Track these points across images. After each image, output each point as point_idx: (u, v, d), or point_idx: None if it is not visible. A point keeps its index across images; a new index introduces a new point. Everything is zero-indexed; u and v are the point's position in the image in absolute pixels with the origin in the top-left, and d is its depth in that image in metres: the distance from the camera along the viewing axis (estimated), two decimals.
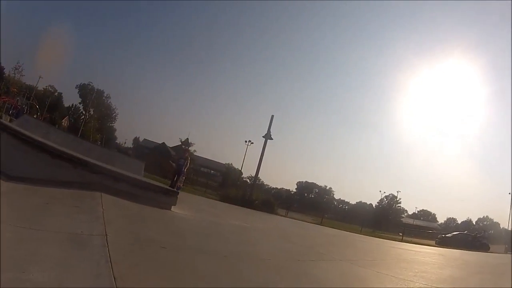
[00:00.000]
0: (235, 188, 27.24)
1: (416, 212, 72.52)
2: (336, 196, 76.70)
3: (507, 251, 16.25)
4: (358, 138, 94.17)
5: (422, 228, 50.60)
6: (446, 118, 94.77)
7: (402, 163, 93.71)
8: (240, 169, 45.65)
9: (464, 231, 33.95)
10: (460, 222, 66.50)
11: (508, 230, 42.52)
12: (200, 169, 52.39)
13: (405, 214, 69.34)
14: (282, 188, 67.96)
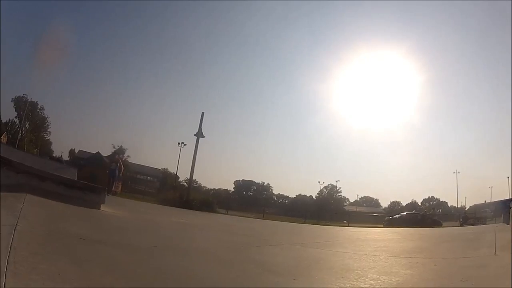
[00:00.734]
0: (172, 191, 25.75)
1: (358, 199, 76.28)
2: (275, 191, 75.57)
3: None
4: (292, 131, 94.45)
5: (367, 213, 48.91)
6: (383, 105, 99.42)
7: (338, 153, 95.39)
8: (175, 173, 44.25)
9: (412, 211, 34.17)
10: (405, 204, 64.42)
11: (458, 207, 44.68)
12: (136, 176, 51.08)
13: (347, 202, 71.94)
14: (220, 189, 66.88)
